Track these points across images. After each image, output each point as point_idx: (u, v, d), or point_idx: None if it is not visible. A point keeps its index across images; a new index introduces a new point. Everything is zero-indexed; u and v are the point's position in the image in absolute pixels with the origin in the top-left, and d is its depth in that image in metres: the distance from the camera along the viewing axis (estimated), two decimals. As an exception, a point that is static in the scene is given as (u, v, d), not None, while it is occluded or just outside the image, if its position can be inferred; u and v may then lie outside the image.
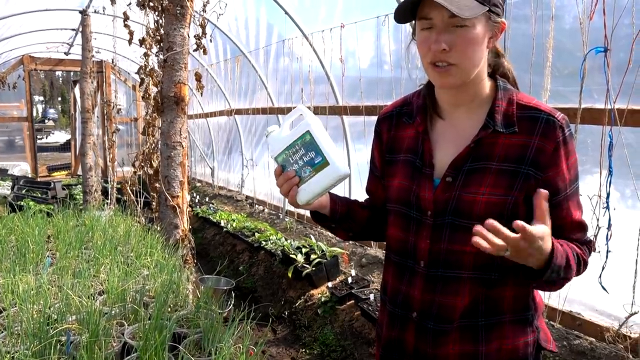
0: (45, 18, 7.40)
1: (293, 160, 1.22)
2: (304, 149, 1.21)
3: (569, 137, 1.13)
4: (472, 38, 1.08)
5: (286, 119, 1.26)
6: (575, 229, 1.18)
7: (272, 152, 1.26)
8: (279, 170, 1.24)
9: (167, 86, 2.92)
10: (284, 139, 1.24)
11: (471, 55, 1.10)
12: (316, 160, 1.20)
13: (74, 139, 11.68)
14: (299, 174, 1.21)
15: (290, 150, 1.23)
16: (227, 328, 1.40)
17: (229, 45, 7.40)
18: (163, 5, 2.99)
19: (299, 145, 1.21)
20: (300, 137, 1.21)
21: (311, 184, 1.20)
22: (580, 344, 2.92)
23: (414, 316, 1.22)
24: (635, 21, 2.42)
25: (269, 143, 1.27)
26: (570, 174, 1.14)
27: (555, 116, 1.13)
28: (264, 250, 5.49)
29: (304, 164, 1.21)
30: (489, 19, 1.10)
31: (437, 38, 1.09)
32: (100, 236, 2.35)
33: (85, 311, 1.43)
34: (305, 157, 1.21)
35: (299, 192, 1.22)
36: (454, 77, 1.12)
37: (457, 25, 1.07)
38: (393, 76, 4.38)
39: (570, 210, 1.16)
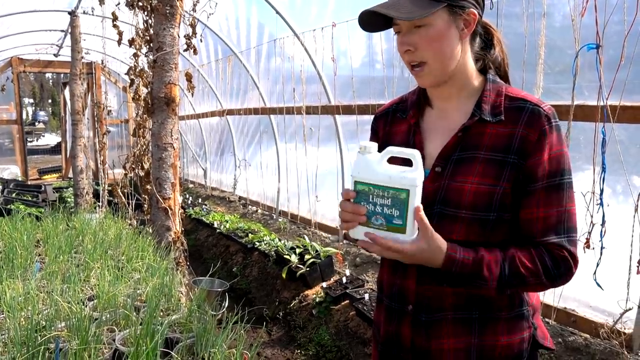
0: (34, 19, 7.32)
1: (372, 200, 1.08)
2: (391, 202, 1.07)
3: (556, 129, 1.12)
4: (433, 35, 1.11)
5: (394, 151, 1.07)
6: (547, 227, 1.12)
7: (356, 173, 1.09)
8: (351, 194, 1.10)
9: (158, 87, 2.89)
10: (378, 173, 1.07)
11: (438, 51, 1.12)
12: (395, 220, 1.08)
13: (65, 142, 11.58)
14: (370, 216, 1.08)
15: (376, 190, 1.07)
16: (220, 332, 1.38)
17: (220, 45, 7.36)
18: (152, 5, 2.96)
19: (389, 194, 1.06)
20: (396, 189, 1.06)
21: (372, 233, 1.09)
22: (575, 341, 2.92)
23: (410, 309, 1.23)
24: (627, 18, 2.42)
25: (358, 160, 1.09)
26: (552, 165, 1.11)
27: (541, 106, 1.13)
28: (258, 251, 5.46)
29: (380, 213, 1.08)
30: (451, 13, 1.11)
31: (401, 40, 1.14)
32: (90, 240, 2.32)
33: (75, 317, 1.40)
34: (387, 209, 1.07)
35: (357, 229, 1.10)
36: (428, 75, 1.16)
37: (417, 25, 1.11)
38: (385, 75, 4.37)
39: (543, 204, 1.11)
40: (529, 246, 1.12)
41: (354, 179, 1.09)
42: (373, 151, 1.09)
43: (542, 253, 1.11)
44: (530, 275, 1.10)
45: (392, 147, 1.08)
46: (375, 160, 1.08)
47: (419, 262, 1.10)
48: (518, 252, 1.11)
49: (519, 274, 1.09)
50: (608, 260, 2.63)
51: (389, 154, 1.07)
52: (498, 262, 1.10)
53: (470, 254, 1.10)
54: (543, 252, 1.11)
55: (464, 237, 1.13)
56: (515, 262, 1.10)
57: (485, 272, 1.09)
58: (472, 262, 1.09)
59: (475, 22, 1.14)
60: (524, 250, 1.12)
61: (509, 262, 1.10)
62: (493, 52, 1.23)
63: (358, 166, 1.09)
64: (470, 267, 1.09)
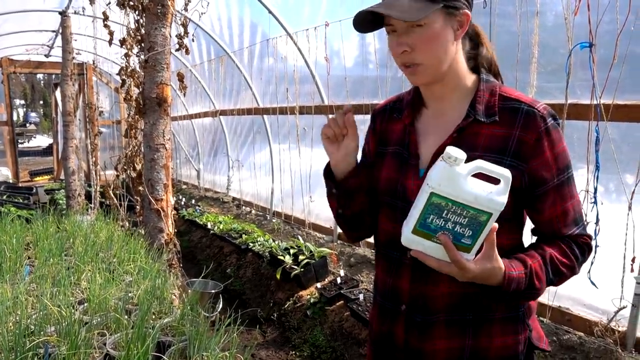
0: (24, 19, 7.24)
1: (445, 216, 0.98)
2: (467, 221, 0.98)
3: (553, 127, 1.12)
4: (431, 36, 1.10)
5: (484, 167, 0.98)
6: (567, 221, 1.16)
7: (436, 184, 0.97)
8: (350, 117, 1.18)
9: (149, 87, 2.86)
10: (463, 191, 0.96)
11: (434, 52, 1.12)
12: (464, 240, 1.00)
13: (56, 143, 11.48)
14: (436, 231, 1.01)
15: (455, 207, 0.97)
16: (213, 335, 1.36)
17: (213, 45, 7.33)
18: (143, 5, 2.93)
19: (467, 214, 0.97)
20: (479, 210, 0.97)
21: (431, 247, 1.02)
22: (570, 339, 2.92)
23: (403, 309, 1.22)
24: (619, 17, 2.42)
25: (441, 170, 0.97)
26: (558, 164, 1.13)
27: (536, 107, 1.13)
28: (252, 252, 5.44)
29: (450, 230, 0.99)
30: (447, 14, 1.11)
31: (398, 41, 1.13)
32: (81, 242, 2.29)
33: (65, 321, 1.37)
34: (459, 227, 0.99)
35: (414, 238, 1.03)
36: (422, 75, 1.15)
37: (414, 26, 1.09)
38: (378, 75, 4.36)
39: (559, 201, 1.14)
40: (557, 241, 1.16)
41: (431, 189, 0.97)
42: (461, 160, 0.96)
43: (571, 245, 1.16)
44: (568, 270, 1.15)
45: (483, 162, 0.98)
46: (462, 174, 0.96)
47: (476, 280, 1.06)
48: (552, 251, 1.14)
49: (559, 272, 1.14)
50: (602, 259, 2.63)
51: (478, 169, 0.97)
52: (542, 268, 1.11)
53: (521, 268, 1.09)
54: (572, 245, 1.16)
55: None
56: (555, 262, 1.13)
57: (536, 282, 1.10)
58: (525, 276, 1.08)
59: (469, 22, 1.14)
60: (555, 247, 1.15)
61: (550, 264, 1.12)
62: (482, 50, 1.23)
63: (440, 177, 0.96)
64: (525, 282, 1.09)
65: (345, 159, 1.24)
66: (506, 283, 1.06)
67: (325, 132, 1.23)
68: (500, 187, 0.98)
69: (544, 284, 1.11)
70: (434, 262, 1.05)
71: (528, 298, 1.13)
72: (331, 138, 1.23)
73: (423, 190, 1.00)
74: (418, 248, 1.04)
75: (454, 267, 1.03)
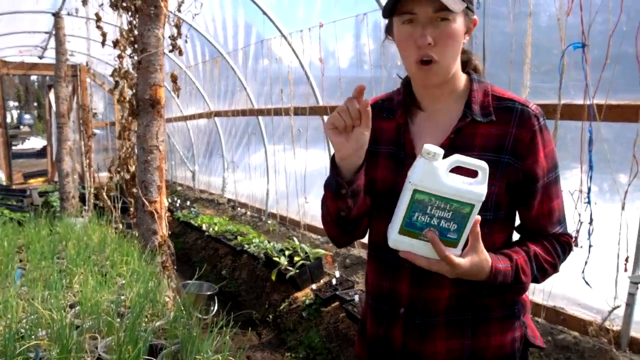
0: (17, 21, 7.20)
1: (430, 212, 0.99)
2: (451, 215, 0.99)
3: (544, 127, 1.16)
4: (455, 32, 1.09)
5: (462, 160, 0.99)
6: (553, 220, 1.19)
7: (417, 180, 0.97)
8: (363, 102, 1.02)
9: (143, 88, 2.84)
10: (444, 184, 0.97)
11: (451, 50, 1.11)
12: (450, 234, 1.00)
13: (50, 145, 11.42)
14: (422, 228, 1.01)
15: (438, 202, 0.98)
16: (206, 338, 1.35)
17: (207, 46, 7.31)
18: (136, 6, 2.92)
19: (451, 207, 0.98)
20: (461, 202, 0.98)
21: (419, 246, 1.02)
22: (565, 339, 2.93)
23: (402, 312, 1.21)
24: (611, 17, 2.43)
25: (421, 167, 0.97)
26: (548, 162, 1.16)
27: (529, 106, 1.16)
28: (247, 254, 5.42)
29: (436, 226, 0.99)
30: (466, 15, 1.12)
31: (423, 32, 1.07)
32: (74, 245, 2.27)
33: (56, 325, 1.36)
34: (444, 222, 0.99)
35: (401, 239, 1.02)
36: (436, 75, 1.13)
37: (441, 19, 1.07)
38: (373, 75, 4.36)
39: (546, 199, 1.17)
40: (540, 239, 1.19)
41: (414, 187, 0.97)
42: (438, 156, 0.96)
43: (554, 244, 1.18)
44: (550, 267, 1.17)
45: (460, 156, 0.99)
46: (442, 168, 0.97)
47: (466, 276, 1.05)
48: (536, 248, 1.16)
49: (543, 268, 1.16)
50: (596, 259, 2.64)
51: (456, 163, 0.98)
52: (527, 263, 1.13)
53: (507, 262, 1.10)
54: (554, 243, 1.19)
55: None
56: (538, 259, 1.15)
57: (522, 277, 1.11)
58: (512, 269, 1.10)
59: (474, 27, 1.17)
60: (539, 245, 1.17)
61: (534, 260, 1.14)
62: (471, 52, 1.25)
63: (421, 173, 0.97)
64: (511, 275, 1.10)
65: (357, 153, 1.10)
66: (493, 276, 1.07)
67: (333, 122, 1.06)
68: (478, 179, 1.00)
69: (529, 278, 1.13)
70: (423, 262, 1.04)
71: (514, 292, 1.14)
72: (340, 129, 1.07)
73: (406, 189, 1.00)
74: (406, 248, 1.03)
75: (443, 264, 1.02)
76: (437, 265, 1.03)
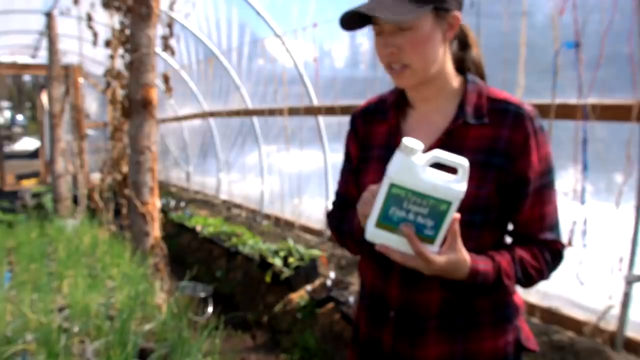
0: (8, 20, 7.14)
1: (406, 207, 0.97)
2: (428, 211, 0.97)
3: (539, 129, 1.13)
4: (420, 38, 1.08)
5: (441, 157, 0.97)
6: (543, 225, 1.16)
7: (395, 175, 0.96)
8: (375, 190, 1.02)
9: (134, 89, 2.82)
10: (421, 180, 0.96)
11: (423, 55, 1.09)
12: (427, 231, 0.99)
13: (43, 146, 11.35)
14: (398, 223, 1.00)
15: (414, 197, 0.97)
16: (196, 341, 1.33)
17: (201, 46, 7.28)
18: (128, 6, 2.89)
19: (428, 204, 0.97)
20: (438, 199, 0.96)
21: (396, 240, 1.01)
22: (560, 339, 2.93)
23: (392, 315, 1.20)
24: (605, 16, 2.43)
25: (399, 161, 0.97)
26: (542, 166, 1.13)
27: (524, 108, 1.13)
28: (242, 255, 5.40)
29: (412, 222, 0.98)
30: (436, 16, 1.09)
31: (385, 42, 1.10)
32: (64, 247, 2.24)
33: (44, 329, 1.33)
34: (420, 218, 0.98)
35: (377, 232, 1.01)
36: (409, 78, 1.13)
37: (402, 28, 1.07)
38: (368, 75, 4.35)
39: (538, 203, 1.15)
40: (530, 244, 1.16)
41: (391, 180, 0.97)
42: (417, 150, 0.96)
43: (543, 250, 1.16)
44: (536, 273, 1.15)
45: (440, 152, 0.98)
46: (420, 164, 0.96)
47: (442, 273, 1.04)
48: (523, 253, 1.14)
49: (527, 273, 1.14)
50: (591, 258, 2.64)
51: (435, 159, 0.97)
52: (512, 267, 1.11)
53: (489, 263, 1.09)
54: (543, 249, 1.16)
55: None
56: (524, 264, 1.13)
57: (505, 279, 1.10)
58: (493, 270, 1.09)
59: (459, 24, 1.12)
60: (527, 250, 1.15)
61: (519, 265, 1.13)
62: (470, 52, 1.21)
63: (398, 168, 0.96)
64: (492, 277, 1.08)
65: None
66: (472, 276, 1.06)
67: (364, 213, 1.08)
68: (458, 176, 0.98)
69: (513, 280, 1.11)
70: (398, 256, 1.02)
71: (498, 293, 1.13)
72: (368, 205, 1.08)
73: (383, 183, 0.99)
74: (382, 242, 1.02)
75: (419, 260, 1.01)
76: (413, 260, 1.02)
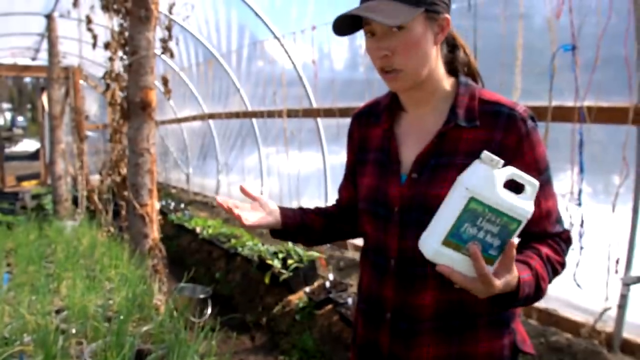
0: (9, 22, 7.15)
1: (479, 224, 0.92)
2: (499, 230, 0.92)
3: (533, 130, 1.13)
4: (412, 41, 1.09)
5: (516, 174, 0.93)
6: (552, 219, 1.17)
7: (476, 188, 0.91)
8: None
9: (133, 91, 2.83)
10: (500, 196, 0.91)
11: (414, 57, 1.10)
12: (491, 251, 0.94)
13: (44, 147, 11.37)
14: (467, 241, 0.93)
15: (490, 214, 0.91)
16: (193, 343, 1.34)
17: (201, 48, 7.30)
18: (127, 8, 2.91)
19: (501, 222, 0.92)
20: (511, 217, 0.92)
21: (459, 260, 0.94)
22: (557, 340, 2.93)
23: (388, 317, 1.20)
24: (602, 19, 2.44)
25: (481, 173, 0.91)
26: (539, 165, 1.13)
27: (517, 109, 1.13)
28: (241, 257, 5.40)
29: (480, 240, 0.93)
30: (428, 18, 1.10)
31: (378, 45, 1.11)
32: (63, 249, 2.25)
33: (42, 330, 1.34)
34: (489, 237, 0.92)
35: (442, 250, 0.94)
36: (402, 81, 1.14)
37: (394, 30, 1.08)
38: (367, 77, 4.36)
39: (543, 201, 1.14)
40: (546, 239, 1.17)
41: (471, 194, 0.90)
42: (500, 166, 0.90)
43: (559, 242, 1.17)
44: (560, 267, 1.16)
45: (514, 169, 0.93)
46: (500, 179, 0.91)
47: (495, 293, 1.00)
48: (547, 250, 1.14)
49: (555, 270, 1.14)
50: (588, 260, 2.64)
51: (512, 176, 0.92)
52: (544, 268, 1.11)
53: (527, 270, 1.06)
54: (559, 242, 1.17)
55: None
56: (551, 261, 1.13)
57: (542, 284, 1.08)
58: (533, 277, 1.06)
59: (449, 26, 1.13)
60: (546, 246, 1.15)
61: (548, 263, 1.13)
62: (459, 53, 1.22)
63: (481, 180, 0.90)
64: (534, 285, 1.06)
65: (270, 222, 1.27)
66: (521, 289, 1.02)
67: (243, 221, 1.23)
68: (527, 194, 0.95)
69: (547, 284, 1.10)
70: (459, 278, 0.97)
71: (534, 301, 1.11)
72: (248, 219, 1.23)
73: (459, 195, 0.92)
74: (446, 262, 0.95)
75: (478, 282, 0.95)
76: (472, 283, 0.97)
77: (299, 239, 1.37)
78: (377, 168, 1.24)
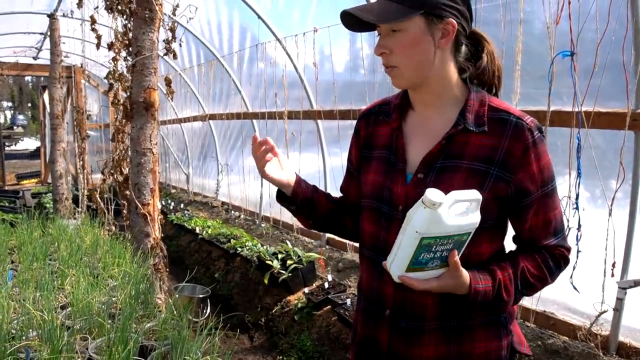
0: (12, 21, 7.18)
1: (434, 249, 1.05)
2: (452, 244, 1.06)
3: (539, 140, 1.14)
4: (408, 41, 1.13)
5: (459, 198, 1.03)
6: (547, 231, 1.18)
7: (424, 230, 1.01)
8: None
9: (136, 91, 2.85)
10: (448, 226, 1.02)
11: (409, 57, 1.14)
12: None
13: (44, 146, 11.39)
14: (427, 263, 1.08)
15: (442, 240, 1.04)
16: (195, 340, 1.36)
17: (203, 49, 7.33)
18: (131, 9, 2.94)
19: (452, 240, 1.05)
20: (462, 234, 1.06)
21: (422, 275, 1.10)
22: (554, 343, 2.96)
23: (387, 314, 1.22)
24: (600, 26, 2.47)
25: (426, 216, 1.00)
26: (543, 176, 1.14)
27: (524, 119, 1.14)
28: (240, 257, 5.43)
29: (438, 257, 1.07)
30: (428, 22, 1.12)
31: (379, 43, 1.17)
32: (66, 247, 2.27)
33: (47, 326, 1.37)
34: (446, 252, 1.07)
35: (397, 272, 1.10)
36: (399, 79, 1.19)
37: (393, 30, 1.13)
38: (367, 80, 4.39)
39: (541, 211, 1.16)
40: (532, 251, 1.20)
41: (421, 235, 1.02)
42: (441, 203, 0.99)
43: (546, 257, 1.19)
44: (538, 281, 1.18)
45: (456, 194, 1.03)
46: (445, 212, 1.01)
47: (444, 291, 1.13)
48: (525, 261, 1.18)
49: (529, 284, 1.18)
50: (585, 264, 2.66)
51: (455, 202, 1.03)
52: (512, 280, 1.15)
53: (489, 281, 1.13)
54: (546, 256, 1.19)
55: None
56: (525, 274, 1.16)
57: (504, 295, 1.14)
58: (492, 288, 1.13)
59: (454, 32, 1.14)
60: (528, 258, 1.18)
61: (520, 277, 1.16)
62: (480, 62, 1.21)
63: (426, 222, 1.01)
64: (492, 294, 1.13)
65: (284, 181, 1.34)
66: (472, 295, 1.11)
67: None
68: (472, 206, 1.06)
69: (511, 297, 1.15)
70: (416, 283, 1.10)
71: (497, 307, 1.19)
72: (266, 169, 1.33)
73: (411, 237, 1.03)
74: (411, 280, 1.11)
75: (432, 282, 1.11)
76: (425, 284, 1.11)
77: (301, 211, 1.38)
78: (382, 165, 1.26)
